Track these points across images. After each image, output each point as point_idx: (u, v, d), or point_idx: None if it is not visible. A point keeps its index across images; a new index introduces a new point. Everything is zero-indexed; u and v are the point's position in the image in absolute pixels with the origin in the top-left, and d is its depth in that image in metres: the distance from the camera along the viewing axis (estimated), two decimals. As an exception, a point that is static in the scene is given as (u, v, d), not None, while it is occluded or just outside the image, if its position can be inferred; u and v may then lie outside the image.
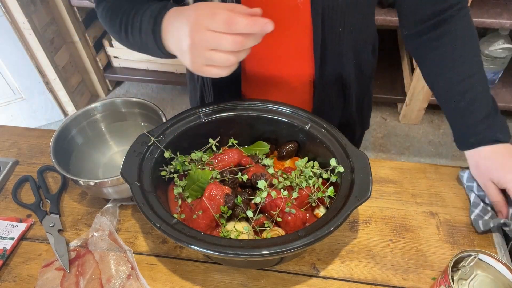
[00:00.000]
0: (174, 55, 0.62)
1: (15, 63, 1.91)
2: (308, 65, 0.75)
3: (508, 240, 0.69)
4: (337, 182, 0.64)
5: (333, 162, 0.65)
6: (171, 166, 0.68)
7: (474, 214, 0.72)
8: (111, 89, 2.38)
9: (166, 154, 0.67)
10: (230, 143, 0.74)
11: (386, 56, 2.22)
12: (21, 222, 0.74)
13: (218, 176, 0.65)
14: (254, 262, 0.65)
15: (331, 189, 0.64)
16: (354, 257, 0.69)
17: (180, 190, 0.65)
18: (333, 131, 0.68)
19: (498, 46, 1.75)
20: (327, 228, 0.54)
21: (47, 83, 2.03)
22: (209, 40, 0.52)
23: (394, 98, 2.07)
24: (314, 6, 0.66)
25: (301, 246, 0.53)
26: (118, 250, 0.69)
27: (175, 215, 0.60)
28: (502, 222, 0.67)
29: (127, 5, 0.67)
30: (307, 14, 0.67)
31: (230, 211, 0.62)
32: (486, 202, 0.74)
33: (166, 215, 0.57)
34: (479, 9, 1.65)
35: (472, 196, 0.75)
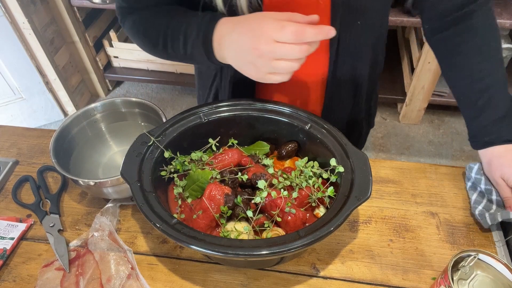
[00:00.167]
0: (223, 63, 0.65)
1: (15, 63, 1.91)
2: (322, 62, 0.75)
3: (508, 240, 0.69)
4: (337, 182, 0.64)
5: (333, 162, 0.65)
6: (171, 166, 0.68)
7: (478, 210, 0.73)
8: (111, 89, 2.38)
9: (166, 154, 0.67)
10: (230, 143, 0.74)
11: (386, 56, 2.22)
12: (21, 222, 0.74)
13: (218, 176, 0.65)
14: (254, 262, 0.65)
15: (331, 189, 0.64)
16: (354, 257, 0.69)
17: (180, 190, 0.65)
18: (333, 131, 0.68)
19: (498, 46, 1.74)
20: (327, 228, 0.54)
21: (47, 83, 2.03)
22: (278, 51, 0.55)
23: (394, 98, 2.08)
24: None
25: (301, 246, 0.53)
26: (118, 250, 0.69)
27: (175, 215, 0.60)
28: None
29: (162, 18, 0.68)
30: (327, 10, 0.67)
31: (230, 211, 0.62)
32: (492, 197, 0.73)
33: (166, 215, 0.57)
34: (479, 9, 1.64)
35: (474, 194, 0.76)
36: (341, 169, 0.63)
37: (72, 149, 0.80)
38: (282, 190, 0.63)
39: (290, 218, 0.60)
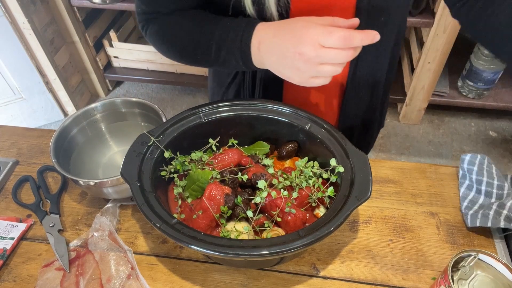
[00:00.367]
0: (259, 68, 0.65)
1: (15, 63, 1.91)
2: None
3: (508, 240, 0.70)
4: (337, 182, 0.64)
5: (333, 162, 0.65)
6: (171, 166, 0.68)
7: (463, 207, 0.74)
8: (111, 89, 2.38)
9: (166, 154, 0.67)
10: (230, 143, 0.74)
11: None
12: (21, 222, 0.74)
13: (218, 176, 0.65)
14: (254, 262, 0.65)
15: (331, 189, 0.64)
16: (354, 257, 0.69)
17: (180, 190, 0.65)
18: (333, 131, 0.68)
19: (498, 46, 1.74)
20: (327, 228, 0.54)
21: (47, 83, 2.03)
22: (324, 56, 0.55)
23: (394, 98, 2.08)
24: None
25: (301, 246, 0.53)
26: (118, 250, 0.69)
27: (175, 215, 0.60)
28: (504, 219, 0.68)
29: (190, 24, 0.68)
30: (352, 5, 0.67)
31: (230, 211, 0.62)
32: (481, 188, 0.75)
33: (166, 215, 0.57)
34: (479, 9, 1.64)
35: (462, 188, 0.77)
36: (341, 169, 0.63)
37: (72, 149, 0.80)
38: (282, 190, 0.63)
39: (290, 218, 0.60)
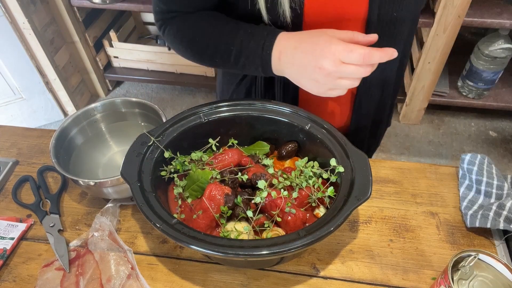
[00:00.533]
0: (277, 75, 0.68)
1: (15, 63, 1.91)
2: None
3: (508, 240, 0.69)
4: (337, 182, 0.64)
5: (333, 162, 0.65)
6: (171, 166, 0.68)
7: (463, 207, 0.74)
8: (111, 89, 2.38)
9: (166, 154, 0.67)
10: (230, 143, 0.74)
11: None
12: (21, 222, 0.74)
13: (218, 176, 0.65)
14: (254, 262, 0.65)
15: (331, 189, 0.64)
16: (354, 257, 0.69)
17: (180, 190, 0.65)
18: (333, 131, 0.68)
19: (498, 46, 1.75)
20: (327, 228, 0.54)
21: (47, 83, 2.03)
22: (344, 71, 0.59)
23: (394, 98, 2.07)
24: None
25: (301, 246, 0.53)
26: (118, 250, 0.69)
27: (175, 215, 0.60)
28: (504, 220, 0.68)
29: (211, 27, 0.69)
30: (362, 18, 0.68)
31: (230, 211, 0.62)
32: (481, 188, 0.75)
33: (166, 215, 0.57)
34: (479, 9, 1.65)
35: (462, 188, 0.77)
36: (341, 169, 0.63)
37: (72, 149, 0.80)
38: (282, 190, 0.63)
39: (290, 218, 0.60)
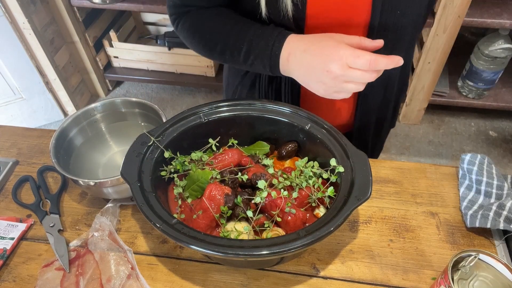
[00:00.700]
0: (284, 75, 0.69)
1: (15, 63, 1.91)
2: None
3: (508, 240, 0.69)
4: (337, 182, 0.64)
5: (333, 162, 0.65)
6: (171, 166, 0.68)
7: (463, 207, 0.74)
8: (111, 89, 2.38)
9: (166, 154, 0.67)
10: (230, 143, 0.74)
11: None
12: (21, 222, 0.74)
13: (218, 176, 0.65)
14: (254, 262, 0.65)
15: (331, 189, 0.64)
16: (354, 257, 0.69)
17: (180, 190, 0.65)
18: (333, 131, 0.68)
19: (498, 46, 1.75)
20: (327, 228, 0.54)
21: (47, 83, 2.03)
22: (350, 76, 0.60)
23: (394, 98, 2.07)
24: None
25: (301, 246, 0.53)
26: (118, 250, 0.69)
27: (175, 215, 0.60)
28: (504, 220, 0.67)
29: (222, 24, 0.71)
30: (364, 24, 0.69)
31: (230, 211, 0.62)
32: (481, 188, 0.75)
33: (166, 215, 0.57)
34: (479, 9, 1.65)
35: (462, 188, 0.77)
36: (341, 169, 0.63)
37: (72, 149, 0.80)
38: (282, 190, 0.63)
39: (290, 218, 0.60)
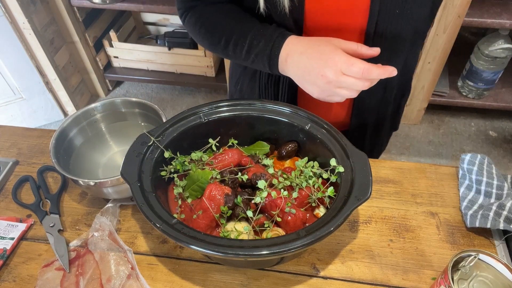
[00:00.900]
0: (281, 74, 0.71)
1: (15, 63, 1.91)
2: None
3: (508, 241, 0.69)
4: (337, 182, 0.64)
5: (333, 162, 0.65)
6: (171, 166, 0.68)
7: (463, 207, 0.74)
8: (111, 89, 2.38)
9: (166, 154, 0.67)
10: (230, 143, 0.74)
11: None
12: (21, 222, 0.74)
13: (218, 176, 0.65)
14: (254, 262, 0.65)
15: (331, 189, 0.64)
16: (354, 257, 0.69)
17: (180, 190, 0.65)
18: (333, 131, 0.68)
19: (498, 46, 1.75)
20: (327, 228, 0.54)
21: (47, 83, 2.03)
22: (343, 82, 0.62)
23: (394, 98, 2.07)
24: None
25: (301, 246, 0.53)
26: (118, 250, 0.69)
27: (175, 215, 0.60)
28: (504, 220, 0.67)
29: (227, 20, 0.73)
30: (359, 30, 0.70)
31: (230, 211, 0.62)
32: (481, 188, 0.75)
33: (166, 215, 0.57)
34: (479, 9, 1.65)
35: (462, 188, 0.77)
36: (341, 169, 0.63)
37: (72, 149, 0.80)
38: (282, 190, 0.63)
39: (290, 218, 0.60)
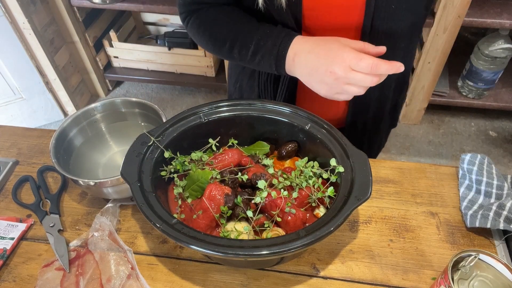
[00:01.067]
0: (288, 75, 0.71)
1: (15, 63, 1.91)
2: None
3: (508, 241, 0.69)
4: (337, 182, 0.64)
5: (333, 162, 0.65)
6: (171, 166, 0.68)
7: (463, 207, 0.74)
8: (111, 89, 2.38)
9: (166, 154, 0.67)
10: (230, 143, 0.74)
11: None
12: (21, 222, 0.74)
13: (218, 176, 0.65)
14: (254, 262, 0.65)
15: (331, 189, 0.64)
16: (354, 257, 0.69)
17: (180, 190, 0.65)
18: (333, 131, 0.68)
19: (498, 46, 1.75)
20: (327, 228, 0.54)
21: (47, 83, 2.03)
22: (352, 78, 0.62)
23: (394, 98, 2.07)
24: None
25: (301, 246, 0.53)
26: (118, 250, 0.69)
27: (175, 215, 0.60)
28: (504, 219, 0.67)
29: (232, 23, 0.73)
30: (355, 28, 0.70)
31: (230, 211, 0.62)
32: (481, 188, 0.75)
33: (166, 215, 0.57)
34: (479, 9, 1.65)
35: (462, 188, 0.77)
36: (341, 169, 0.63)
37: (72, 149, 0.80)
38: (282, 190, 0.63)
39: (290, 218, 0.60)
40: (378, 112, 0.89)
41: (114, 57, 2.21)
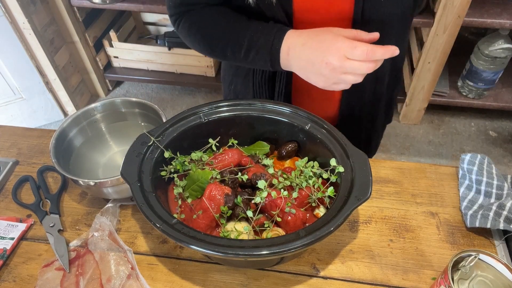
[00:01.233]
0: (284, 70, 0.71)
1: (15, 63, 1.91)
2: None
3: (508, 241, 0.69)
4: (337, 182, 0.64)
5: (333, 162, 0.65)
6: (171, 166, 0.68)
7: (463, 207, 0.74)
8: (111, 89, 2.38)
9: (166, 154, 0.67)
10: (230, 143, 0.74)
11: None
12: (21, 222, 0.74)
13: (218, 176, 0.65)
14: (254, 262, 0.65)
15: (331, 189, 0.64)
16: (354, 257, 0.69)
17: (180, 190, 0.65)
18: (333, 131, 0.68)
19: (498, 46, 1.75)
20: (327, 228, 0.54)
21: (47, 83, 2.03)
22: (348, 67, 0.62)
23: (394, 98, 2.07)
24: None
25: (301, 246, 0.53)
26: (118, 250, 0.69)
27: (175, 215, 0.60)
28: (504, 219, 0.67)
29: (223, 23, 0.73)
30: (348, 18, 0.70)
31: (230, 211, 0.62)
32: (481, 188, 0.75)
33: (166, 215, 0.57)
34: (479, 9, 1.65)
35: (462, 188, 0.77)
36: (341, 169, 0.63)
37: (72, 149, 0.80)
38: (282, 190, 0.63)
39: (290, 218, 0.60)
40: (374, 109, 0.89)
41: (114, 57, 2.21)
